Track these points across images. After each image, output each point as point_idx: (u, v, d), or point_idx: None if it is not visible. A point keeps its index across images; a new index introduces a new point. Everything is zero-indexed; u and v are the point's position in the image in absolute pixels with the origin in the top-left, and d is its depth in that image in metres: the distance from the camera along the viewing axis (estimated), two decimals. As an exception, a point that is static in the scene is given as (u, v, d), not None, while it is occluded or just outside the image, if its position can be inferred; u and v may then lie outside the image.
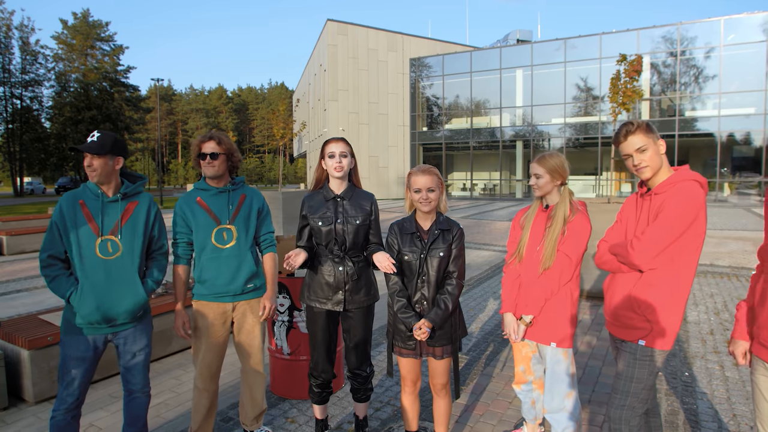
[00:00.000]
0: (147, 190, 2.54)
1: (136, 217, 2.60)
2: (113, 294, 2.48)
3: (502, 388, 3.78)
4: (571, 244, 2.45)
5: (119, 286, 2.50)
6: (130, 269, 2.55)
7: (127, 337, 2.59)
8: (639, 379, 2.11)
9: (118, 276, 2.51)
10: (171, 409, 3.54)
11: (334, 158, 2.69)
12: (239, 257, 2.80)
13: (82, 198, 2.52)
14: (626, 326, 2.18)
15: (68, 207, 2.48)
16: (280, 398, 3.65)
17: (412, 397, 2.70)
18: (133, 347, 2.62)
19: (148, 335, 2.69)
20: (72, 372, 2.49)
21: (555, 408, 2.54)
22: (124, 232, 2.55)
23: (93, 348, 2.51)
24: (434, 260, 2.48)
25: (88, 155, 2.48)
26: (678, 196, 2.02)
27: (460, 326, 2.60)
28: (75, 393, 2.51)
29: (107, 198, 2.54)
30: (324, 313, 2.74)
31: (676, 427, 3.19)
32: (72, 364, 2.48)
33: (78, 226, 2.46)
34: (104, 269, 2.47)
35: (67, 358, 2.48)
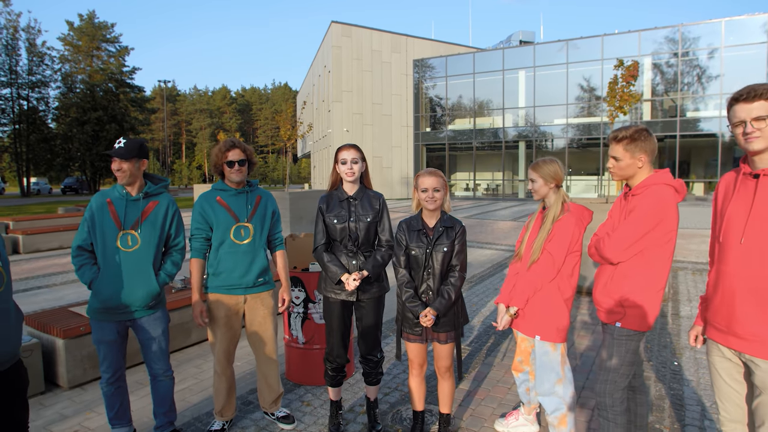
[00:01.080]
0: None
1: (155, 214, 2.90)
2: (128, 283, 2.78)
3: (502, 376, 4.05)
4: (555, 243, 2.69)
5: (134, 277, 2.80)
6: (146, 261, 2.85)
7: (145, 324, 2.89)
8: (618, 356, 2.38)
9: (135, 267, 2.81)
10: (195, 393, 3.82)
11: (346, 164, 2.97)
12: (253, 253, 3.09)
13: (110, 197, 2.83)
14: (606, 311, 2.46)
15: (98, 205, 2.81)
16: (295, 384, 3.92)
17: (418, 379, 2.98)
18: (153, 333, 2.93)
19: (165, 323, 2.99)
20: (102, 352, 2.84)
21: (545, 392, 2.81)
22: (144, 227, 2.85)
23: (116, 332, 2.83)
24: (439, 254, 2.75)
25: (116, 159, 2.78)
26: (648, 198, 2.31)
27: (462, 314, 2.88)
28: (110, 369, 2.86)
29: (131, 197, 2.84)
30: (339, 303, 3.02)
31: (663, 410, 3.45)
32: (102, 346, 2.83)
33: (104, 222, 2.78)
34: (123, 260, 2.78)
35: (96, 340, 2.83)
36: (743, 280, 1.94)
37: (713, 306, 2.10)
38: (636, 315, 2.37)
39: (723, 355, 2.10)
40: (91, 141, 45.90)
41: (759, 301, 1.89)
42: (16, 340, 2.22)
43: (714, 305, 2.09)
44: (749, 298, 1.92)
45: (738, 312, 1.96)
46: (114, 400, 2.90)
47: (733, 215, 2.00)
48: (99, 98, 46.57)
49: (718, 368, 2.14)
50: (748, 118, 1.89)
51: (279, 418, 3.29)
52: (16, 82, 43.91)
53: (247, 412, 3.49)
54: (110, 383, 2.87)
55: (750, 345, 1.94)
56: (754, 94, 1.87)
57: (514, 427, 3.17)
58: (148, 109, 58.80)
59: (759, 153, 1.90)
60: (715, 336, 2.12)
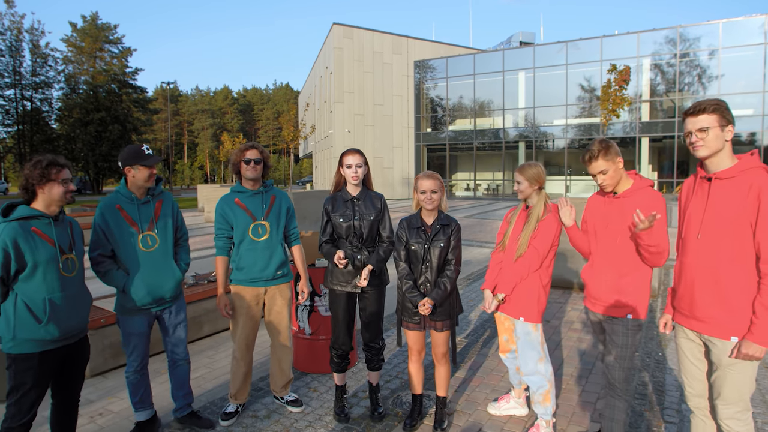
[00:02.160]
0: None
1: (165, 213, 3.16)
2: (159, 278, 3.04)
3: (496, 365, 4.31)
4: (540, 239, 2.99)
5: (162, 271, 3.07)
6: (167, 256, 3.12)
7: (170, 311, 3.17)
8: (631, 344, 2.63)
9: (160, 263, 3.07)
10: (208, 381, 4.09)
11: (351, 168, 3.23)
12: (271, 248, 3.36)
13: (118, 203, 3.00)
14: (614, 306, 2.66)
15: (109, 211, 2.97)
16: (302, 373, 4.19)
17: (417, 364, 3.25)
18: (176, 320, 3.21)
19: (184, 312, 3.28)
20: (132, 344, 3.08)
21: (530, 371, 3.09)
22: (159, 226, 3.10)
23: (146, 324, 3.09)
24: (436, 250, 3.02)
25: (155, 166, 3.04)
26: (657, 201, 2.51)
27: (457, 305, 3.15)
28: (138, 358, 3.11)
29: (139, 200, 3.05)
30: (344, 294, 3.29)
31: (645, 395, 3.71)
32: (131, 338, 3.07)
33: (121, 228, 2.97)
34: (149, 259, 3.02)
35: (127, 333, 3.06)
36: (700, 270, 2.21)
37: (678, 294, 2.36)
38: (642, 307, 2.63)
39: (687, 337, 2.37)
40: (94, 141, 46.27)
41: (713, 287, 2.16)
42: (85, 317, 2.65)
43: (679, 293, 2.36)
44: (706, 285, 2.19)
45: (697, 298, 2.23)
46: (139, 387, 3.14)
47: (692, 214, 2.27)
48: (102, 99, 46.93)
49: (684, 349, 2.40)
50: (693, 129, 2.19)
51: (288, 402, 3.56)
52: (19, 83, 44.30)
53: (258, 397, 3.76)
54: (137, 372, 3.11)
55: (707, 326, 2.21)
56: (699, 108, 2.16)
57: (506, 409, 3.44)
58: (151, 109, 59.18)
59: (707, 159, 2.18)
60: (680, 320, 2.38)
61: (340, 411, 3.41)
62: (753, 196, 2.06)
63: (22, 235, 2.38)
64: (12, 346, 2.42)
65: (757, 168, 2.12)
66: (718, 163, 2.19)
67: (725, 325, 2.15)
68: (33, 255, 2.39)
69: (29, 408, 2.49)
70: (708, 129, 2.13)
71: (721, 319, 2.16)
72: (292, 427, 3.32)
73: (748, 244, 2.10)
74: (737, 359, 2.13)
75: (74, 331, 2.60)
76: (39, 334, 2.43)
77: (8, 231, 2.36)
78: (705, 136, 2.15)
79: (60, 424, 2.74)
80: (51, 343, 2.49)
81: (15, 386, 2.46)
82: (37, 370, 2.47)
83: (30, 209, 2.47)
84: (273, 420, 3.42)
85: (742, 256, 2.11)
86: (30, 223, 2.45)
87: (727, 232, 2.13)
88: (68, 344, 2.60)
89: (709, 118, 2.14)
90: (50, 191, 2.50)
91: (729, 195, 2.14)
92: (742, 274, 2.11)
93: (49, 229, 2.50)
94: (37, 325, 2.42)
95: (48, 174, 2.47)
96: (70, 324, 2.55)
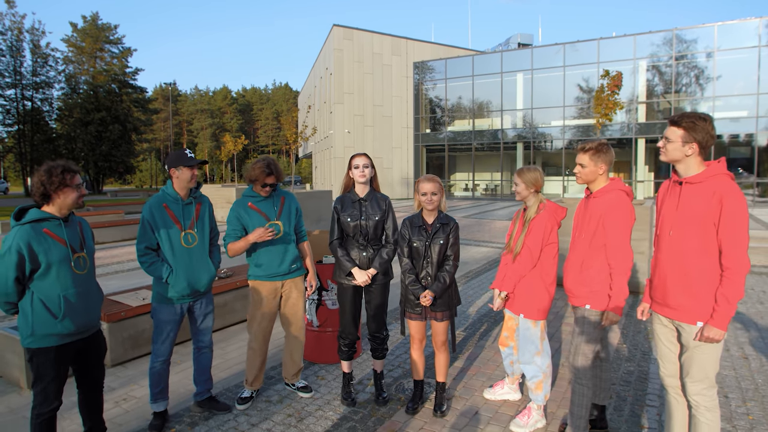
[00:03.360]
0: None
1: (203, 214, 3.46)
2: (197, 273, 3.33)
3: (492, 356, 4.59)
4: (531, 238, 3.26)
5: (199, 267, 3.36)
6: (205, 253, 3.42)
7: (201, 302, 3.46)
8: (588, 333, 2.91)
9: (198, 259, 3.36)
10: (222, 371, 4.36)
11: (358, 169, 3.51)
12: (285, 245, 3.64)
13: (165, 202, 3.31)
14: (577, 296, 2.99)
15: (156, 209, 3.27)
16: (310, 363, 4.47)
17: (418, 352, 3.53)
18: (206, 310, 3.50)
19: (212, 304, 3.56)
20: (165, 332, 3.32)
21: (526, 361, 3.36)
22: (198, 226, 3.40)
23: (180, 313, 3.36)
24: (436, 246, 3.30)
25: (197, 167, 3.32)
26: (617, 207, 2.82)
27: (455, 297, 3.43)
28: (168, 348, 3.36)
29: (184, 201, 3.35)
30: (351, 288, 3.56)
31: (629, 383, 4.00)
32: (166, 326, 3.32)
33: (167, 224, 3.27)
34: (188, 255, 3.31)
35: (161, 322, 3.31)
36: (671, 263, 2.49)
37: (654, 284, 2.65)
38: (601, 299, 2.91)
39: (661, 323, 2.66)
40: (94, 141, 46.49)
41: (682, 279, 2.45)
42: (97, 312, 2.84)
43: (654, 284, 2.64)
44: (676, 277, 2.48)
45: (669, 288, 2.51)
46: (162, 378, 3.36)
47: (665, 213, 2.56)
48: (102, 99, 47.13)
49: (659, 333, 2.69)
50: (665, 135, 2.51)
51: (299, 388, 3.84)
52: (20, 83, 44.42)
53: (270, 384, 4.04)
54: (165, 362, 3.35)
55: (677, 313, 2.50)
56: (674, 120, 2.46)
57: (500, 395, 3.72)
58: (151, 109, 59.37)
59: (674, 163, 2.49)
60: (655, 308, 2.67)
61: (347, 396, 3.69)
62: (717, 199, 2.35)
63: (35, 237, 2.54)
64: (31, 341, 2.60)
65: (722, 175, 2.41)
66: (687, 170, 2.48)
67: (692, 312, 2.44)
68: (46, 255, 2.56)
69: (55, 396, 2.69)
70: (672, 140, 2.43)
71: (688, 306, 2.44)
72: (303, 410, 3.60)
73: (712, 241, 2.38)
74: (701, 341, 2.41)
75: (88, 326, 2.77)
76: (56, 329, 2.60)
77: (21, 234, 2.52)
78: (667, 145, 2.46)
79: (88, 408, 2.97)
80: (67, 337, 2.66)
81: (38, 377, 2.65)
82: (56, 362, 2.65)
83: (41, 212, 2.61)
84: (285, 404, 3.69)
85: (707, 251, 2.40)
86: (41, 225, 2.59)
87: (695, 230, 2.41)
88: (83, 338, 2.77)
89: (677, 131, 2.44)
90: (65, 197, 2.66)
91: (697, 198, 2.42)
92: (708, 267, 2.40)
93: (60, 230, 2.66)
94: (53, 320, 2.59)
95: (64, 180, 2.63)
96: (83, 319, 2.72)
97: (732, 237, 2.31)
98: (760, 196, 25.05)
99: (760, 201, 24.65)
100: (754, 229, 14.52)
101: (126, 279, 8.07)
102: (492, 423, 3.40)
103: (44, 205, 2.66)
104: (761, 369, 4.26)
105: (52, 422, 2.73)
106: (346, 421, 3.42)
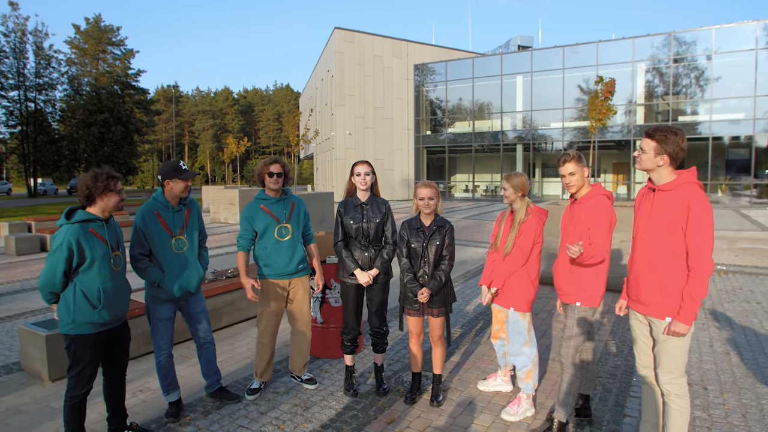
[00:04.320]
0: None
1: (192, 220, 3.69)
2: (187, 276, 3.56)
3: (486, 351, 4.84)
4: (523, 239, 3.52)
5: (189, 270, 3.58)
6: (194, 257, 3.65)
7: (193, 303, 3.70)
8: (576, 327, 3.16)
9: (188, 263, 3.58)
10: (230, 365, 4.61)
11: (360, 176, 3.77)
12: (293, 246, 3.89)
13: (156, 209, 3.51)
14: (568, 294, 3.24)
15: (148, 216, 3.47)
16: (314, 357, 4.72)
17: (416, 346, 3.78)
18: (198, 308, 3.74)
19: (204, 301, 3.80)
20: (161, 330, 3.56)
21: (515, 352, 3.62)
22: (187, 231, 3.63)
23: (173, 311, 3.60)
24: (432, 247, 3.55)
25: (189, 179, 3.56)
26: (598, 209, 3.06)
27: (450, 294, 3.68)
28: (167, 343, 3.60)
29: (173, 208, 3.57)
30: (354, 286, 3.81)
31: (615, 376, 4.24)
32: (160, 324, 3.55)
33: (158, 231, 3.48)
34: (179, 260, 3.53)
35: (157, 320, 3.55)
36: (644, 263, 2.74)
37: (629, 283, 2.90)
38: (590, 296, 3.16)
39: (637, 318, 2.91)
40: (97, 143, 46.76)
41: (654, 278, 2.70)
42: (126, 305, 3.18)
43: (630, 282, 2.89)
44: (648, 276, 2.73)
45: (641, 286, 2.76)
46: (169, 371, 3.62)
47: (640, 218, 2.81)
48: (105, 101, 47.40)
49: (634, 328, 2.94)
50: (640, 146, 2.75)
51: (304, 380, 4.09)
52: (23, 85, 44.76)
53: (277, 377, 4.29)
54: (168, 356, 3.60)
55: (649, 309, 2.75)
56: (649, 133, 2.70)
57: (493, 386, 3.97)
58: (153, 111, 59.67)
59: (647, 172, 2.73)
60: (631, 305, 2.92)
61: (349, 387, 3.94)
62: (685, 206, 2.59)
63: (83, 235, 2.86)
64: (71, 327, 2.90)
65: (691, 183, 2.65)
66: (659, 178, 2.73)
67: (662, 308, 2.68)
68: (91, 252, 2.88)
69: (87, 380, 2.99)
70: (646, 152, 2.68)
71: (659, 303, 2.69)
72: (309, 400, 3.85)
73: (681, 244, 2.62)
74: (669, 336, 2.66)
75: (119, 316, 3.10)
76: (94, 318, 2.92)
77: (72, 232, 2.83)
78: (642, 155, 2.71)
79: (112, 394, 3.25)
80: (102, 325, 2.99)
81: (74, 362, 2.95)
82: (92, 348, 2.96)
83: (87, 213, 2.93)
84: (291, 395, 3.95)
85: (676, 253, 2.64)
86: (87, 225, 2.90)
87: (665, 234, 2.66)
88: (113, 327, 3.09)
89: (651, 143, 2.68)
90: (108, 200, 2.98)
91: (668, 204, 2.67)
92: (677, 267, 2.64)
93: (102, 231, 2.98)
94: (92, 310, 2.91)
95: (108, 185, 2.96)
96: (117, 310, 3.05)
97: (698, 241, 2.55)
98: (757, 197, 25.28)
99: (758, 202, 24.88)
100: (748, 230, 14.78)
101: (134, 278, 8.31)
102: (485, 412, 3.65)
103: (88, 206, 2.97)
104: (741, 364, 4.50)
105: (83, 405, 3.02)
106: (349, 410, 3.68)
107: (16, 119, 44.99)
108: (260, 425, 3.48)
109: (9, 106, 44.78)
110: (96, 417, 3.57)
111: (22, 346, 4.48)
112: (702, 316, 6.01)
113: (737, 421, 3.48)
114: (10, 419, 3.63)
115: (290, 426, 3.46)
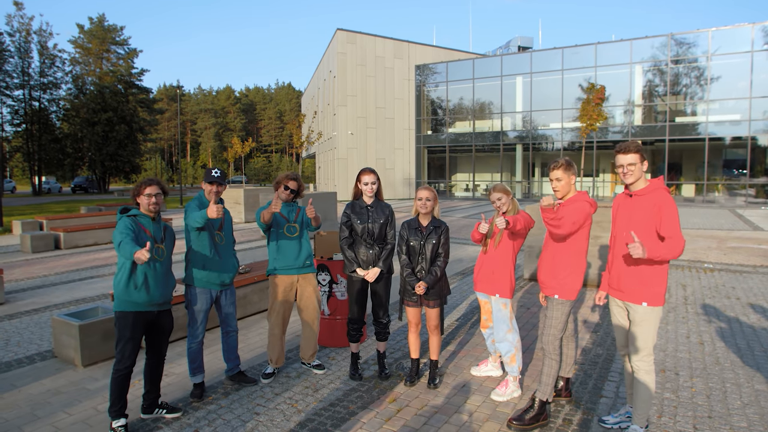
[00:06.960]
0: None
1: (227, 219, 4.12)
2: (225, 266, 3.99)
3: (480, 341, 5.26)
4: (522, 213, 3.98)
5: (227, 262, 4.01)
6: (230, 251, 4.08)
7: (227, 294, 4.13)
8: (556, 318, 3.57)
9: (227, 256, 4.03)
10: (245, 353, 5.03)
11: (367, 185, 4.19)
12: (300, 243, 4.33)
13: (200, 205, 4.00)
14: (549, 287, 3.65)
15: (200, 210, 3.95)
16: (322, 346, 5.15)
17: (415, 334, 4.20)
18: (230, 299, 4.17)
19: (235, 294, 4.23)
20: (199, 319, 3.99)
21: (500, 339, 4.04)
22: (224, 228, 4.07)
23: (210, 302, 4.02)
24: (429, 245, 3.97)
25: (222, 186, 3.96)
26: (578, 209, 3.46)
27: (445, 287, 4.10)
28: (202, 331, 4.02)
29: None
30: (360, 280, 4.23)
31: (596, 364, 4.66)
32: (199, 314, 3.97)
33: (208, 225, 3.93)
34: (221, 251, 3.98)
35: (195, 311, 3.97)
36: (626, 258, 3.17)
37: (611, 274, 3.33)
38: (568, 290, 3.57)
39: (616, 304, 3.35)
40: (101, 141, 47.24)
41: (633, 268, 3.13)
42: (169, 293, 3.68)
43: (612, 274, 3.33)
44: (624, 267, 3.17)
45: (621, 275, 3.20)
46: (198, 356, 4.04)
47: (620, 219, 3.25)
48: (108, 100, 47.81)
49: (614, 313, 3.38)
50: (624, 163, 3.15)
51: (314, 366, 4.52)
52: (28, 84, 45.18)
53: (289, 363, 4.71)
54: (200, 342, 4.02)
55: (626, 294, 3.20)
56: (626, 149, 3.11)
57: (485, 371, 4.40)
58: (156, 110, 60.12)
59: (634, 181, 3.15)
60: (611, 293, 3.36)
61: (354, 372, 4.36)
62: (656, 208, 3.04)
63: (134, 226, 3.41)
64: (117, 304, 3.42)
65: (661, 189, 3.09)
66: (635, 185, 3.16)
67: (638, 294, 3.13)
68: (137, 238, 3.37)
69: (129, 355, 3.43)
70: (635, 164, 3.10)
71: (636, 290, 3.13)
72: (318, 383, 4.27)
73: (656, 240, 3.05)
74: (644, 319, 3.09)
75: (159, 301, 3.53)
76: (133, 297, 3.40)
77: (126, 221, 3.40)
78: (633, 169, 3.12)
79: (151, 374, 3.69)
80: (141, 305, 3.44)
81: (119, 338, 3.43)
82: (132, 326, 3.42)
83: (137, 210, 3.52)
84: (302, 379, 4.37)
85: None
86: (137, 219, 3.47)
87: (641, 231, 3.09)
88: (154, 311, 3.54)
89: (635, 156, 3.10)
90: (141, 201, 3.54)
91: (642, 206, 3.10)
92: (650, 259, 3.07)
93: (148, 224, 3.53)
94: (134, 290, 3.40)
95: (138, 190, 3.55)
96: (155, 295, 3.49)
97: (670, 228, 2.99)
98: (754, 196, 25.67)
99: (753, 202, 25.26)
100: (740, 230, 15.17)
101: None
102: (476, 393, 4.07)
103: (136, 205, 3.56)
104: (713, 353, 4.92)
105: (127, 378, 3.46)
106: (355, 392, 4.10)
107: (20, 118, 45.47)
108: (276, 404, 3.90)
109: (14, 105, 45.32)
110: (134, 391, 4.00)
111: (55, 334, 4.91)
112: (683, 310, 6.43)
113: (701, 401, 3.89)
114: (50, 399, 4.06)
115: (302, 405, 3.88)
